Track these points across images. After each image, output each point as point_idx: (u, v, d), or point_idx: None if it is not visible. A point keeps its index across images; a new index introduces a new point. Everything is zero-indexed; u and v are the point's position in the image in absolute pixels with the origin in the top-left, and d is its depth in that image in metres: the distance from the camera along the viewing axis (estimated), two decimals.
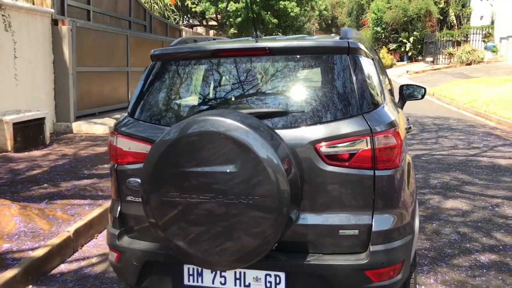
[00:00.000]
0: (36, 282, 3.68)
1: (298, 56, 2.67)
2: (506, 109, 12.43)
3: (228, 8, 21.18)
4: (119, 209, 2.78)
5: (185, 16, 25.24)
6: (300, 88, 2.69)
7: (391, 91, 3.86)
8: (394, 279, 2.46)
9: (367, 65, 2.68)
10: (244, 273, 2.52)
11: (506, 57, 27.39)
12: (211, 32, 24.45)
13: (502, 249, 3.94)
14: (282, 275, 2.48)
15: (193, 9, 24.16)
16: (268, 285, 2.50)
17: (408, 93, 4.62)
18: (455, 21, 32.75)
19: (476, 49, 28.29)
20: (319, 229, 2.43)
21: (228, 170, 2.19)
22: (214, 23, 25.52)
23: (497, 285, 3.34)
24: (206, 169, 2.23)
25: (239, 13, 20.51)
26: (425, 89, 4.58)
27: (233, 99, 2.71)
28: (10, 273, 3.46)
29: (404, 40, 34.09)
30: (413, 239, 2.60)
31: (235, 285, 2.54)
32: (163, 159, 2.28)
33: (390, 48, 34.52)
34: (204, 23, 25.78)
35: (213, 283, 2.58)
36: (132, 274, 2.72)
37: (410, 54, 34.48)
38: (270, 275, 2.49)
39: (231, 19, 20.13)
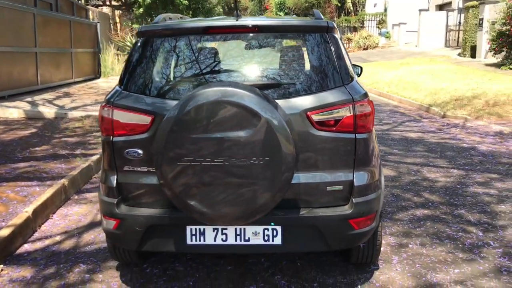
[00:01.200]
0: (3, 262, 3.64)
1: (284, 34, 2.97)
2: (405, 89, 13.71)
3: None
4: (115, 179, 2.91)
5: None
6: (288, 63, 3.00)
7: None
8: (370, 226, 2.90)
9: (341, 43, 3.06)
10: (244, 229, 2.81)
11: (398, 42, 29.75)
12: (117, 12, 23.64)
13: (432, 205, 4.61)
14: (279, 228, 2.81)
15: None
16: (266, 238, 2.81)
17: None
18: (352, 8, 34.76)
19: (372, 35, 30.40)
20: (310, 186, 2.78)
21: (240, 135, 2.46)
22: (117, 3, 24.61)
23: (433, 232, 3.95)
24: (220, 135, 2.47)
25: None
26: (361, 67, 5.05)
27: (228, 73, 2.95)
28: None
29: None
30: (381, 194, 3.06)
31: (236, 240, 2.82)
32: (178, 127, 2.48)
33: None
34: (108, 3, 24.78)
35: (214, 240, 2.83)
36: (133, 239, 2.88)
37: None
38: (267, 229, 2.81)
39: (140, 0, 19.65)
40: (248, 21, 2.92)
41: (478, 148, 7.11)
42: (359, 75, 5.12)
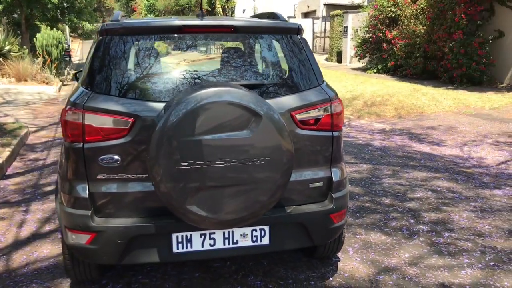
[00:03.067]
0: None
1: (258, 34, 2.98)
2: None
3: None
4: (86, 188, 2.66)
5: None
6: (266, 63, 3.02)
7: None
8: (344, 220, 3.05)
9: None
10: (232, 231, 2.77)
11: None
12: None
13: (359, 198, 4.95)
14: (267, 228, 2.81)
15: None
16: (254, 239, 2.80)
17: None
18: (222, 13, 35.42)
19: None
20: (294, 184, 2.83)
21: (241, 135, 2.42)
22: None
23: (372, 222, 4.26)
24: (221, 136, 2.40)
25: None
26: None
27: (210, 73, 2.87)
28: None
29: None
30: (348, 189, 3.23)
31: (224, 244, 2.77)
32: (176, 130, 2.36)
33: None
34: None
35: (202, 246, 2.74)
36: (113, 252, 2.66)
37: None
38: (256, 230, 2.80)
39: None
40: (224, 21, 2.89)
41: (373, 144, 7.77)
42: None
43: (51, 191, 5.26)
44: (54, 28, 17.65)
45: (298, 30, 3.02)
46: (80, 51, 32.51)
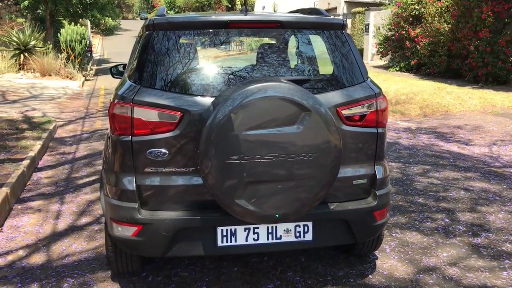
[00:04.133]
0: None
1: (303, 30, 2.97)
2: None
3: None
4: (133, 181, 2.68)
5: None
6: (311, 59, 3.01)
7: None
8: (386, 217, 3.03)
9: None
10: (276, 227, 2.77)
11: None
12: None
13: (392, 197, 4.91)
14: (310, 224, 2.81)
15: None
16: (298, 234, 2.80)
17: None
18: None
19: None
20: (338, 181, 2.82)
21: (291, 131, 2.42)
22: None
23: (407, 221, 4.23)
24: (271, 131, 2.40)
25: None
26: None
27: (257, 68, 2.87)
28: None
29: None
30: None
31: (268, 239, 2.77)
32: (227, 124, 2.37)
33: None
34: None
35: (246, 240, 2.75)
36: (159, 245, 2.69)
37: None
38: (299, 226, 2.80)
39: None
40: (270, 16, 2.88)
41: (401, 143, 7.70)
42: None
43: (83, 184, 5.32)
44: (78, 24, 17.84)
45: (343, 25, 3.00)
46: (101, 46, 32.81)
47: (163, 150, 2.63)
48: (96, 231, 4.02)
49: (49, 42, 17.18)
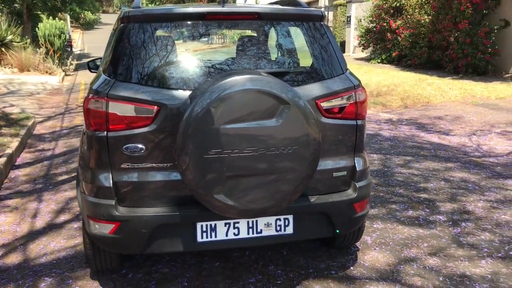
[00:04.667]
0: None
1: (282, 21, 2.94)
2: None
3: None
4: (110, 177, 2.63)
5: None
6: (290, 51, 2.98)
7: None
8: (366, 209, 3.03)
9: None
10: (256, 221, 2.75)
11: None
12: None
13: (373, 187, 4.92)
14: (291, 217, 2.79)
15: None
16: (278, 228, 2.78)
17: None
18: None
19: None
20: (318, 173, 2.80)
21: (270, 124, 2.39)
22: None
23: (388, 212, 4.25)
24: (250, 125, 2.38)
25: None
26: None
27: (235, 61, 2.83)
28: None
29: None
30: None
31: (248, 233, 2.75)
32: (205, 118, 2.33)
33: None
34: None
35: (226, 235, 2.73)
36: (138, 242, 2.65)
37: None
38: (280, 219, 2.78)
39: None
40: (248, 8, 2.84)
41: (382, 134, 7.74)
42: None
43: (62, 181, 5.24)
44: (56, 18, 17.53)
45: (322, 17, 2.98)
46: (82, 41, 32.35)
47: (140, 146, 2.59)
48: (75, 228, 3.96)
49: (26, 36, 16.87)
